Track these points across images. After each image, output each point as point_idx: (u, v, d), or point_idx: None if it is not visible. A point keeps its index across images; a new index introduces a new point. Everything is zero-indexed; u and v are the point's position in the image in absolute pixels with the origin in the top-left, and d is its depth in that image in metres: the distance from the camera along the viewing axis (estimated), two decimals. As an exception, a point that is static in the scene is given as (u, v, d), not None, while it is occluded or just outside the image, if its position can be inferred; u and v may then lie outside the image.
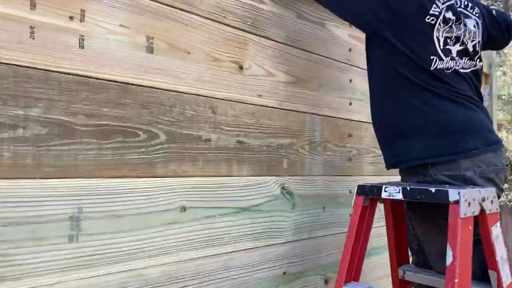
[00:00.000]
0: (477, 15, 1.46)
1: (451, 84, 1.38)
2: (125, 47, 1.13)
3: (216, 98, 1.36)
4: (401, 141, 1.43)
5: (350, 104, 1.95)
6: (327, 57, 1.82)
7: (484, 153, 1.33)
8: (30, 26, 0.96)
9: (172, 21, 1.25)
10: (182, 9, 1.27)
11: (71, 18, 1.03)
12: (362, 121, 2.01)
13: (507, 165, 1.39)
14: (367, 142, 2.05)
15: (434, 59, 1.36)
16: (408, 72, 1.38)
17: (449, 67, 1.38)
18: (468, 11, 1.43)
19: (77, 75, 1.04)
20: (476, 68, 1.45)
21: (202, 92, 1.32)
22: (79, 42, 1.04)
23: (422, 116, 1.38)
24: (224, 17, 1.40)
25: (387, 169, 1.59)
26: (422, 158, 1.38)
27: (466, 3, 1.45)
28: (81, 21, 1.05)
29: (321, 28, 1.80)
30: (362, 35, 2.05)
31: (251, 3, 1.50)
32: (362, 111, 2.01)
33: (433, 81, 1.37)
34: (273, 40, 1.57)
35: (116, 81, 1.11)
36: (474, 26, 1.44)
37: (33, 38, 0.96)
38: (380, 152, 2.14)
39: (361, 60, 2.02)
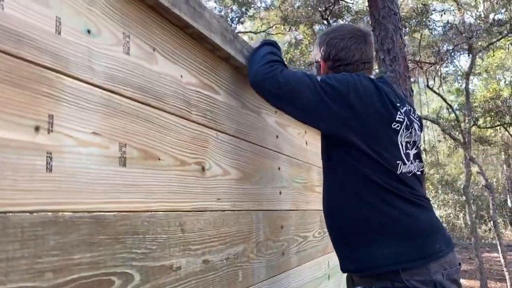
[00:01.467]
0: (417, 119, 1.54)
1: (412, 187, 1.39)
2: (98, 162, 0.82)
3: (184, 211, 1.10)
4: (367, 246, 1.37)
5: (280, 193, 1.85)
6: (263, 147, 1.70)
7: (447, 254, 1.36)
8: (-17, 147, 0.61)
9: (144, 122, 0.98)
10: (153, 106, 1.01)
11: (37, 129, 0.70)
12: (289, 210, 1.92)
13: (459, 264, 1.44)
14: (293, 230, 1.96)
15: (399, 164, 1.37)
16: (376, 176, 1.35)
17: (410, 170, 1.40)
18: (413, 116, 1.50)
19: (46, 211, 0.69)
20: (423, 169, 1.51)
21: (172, 207, 1.05)
22: (47, 163, 0.71)
23: (390, 220, 1.35)
24: (189, 112, 1.17)
25: (343, 272, 1.51)
26: (392, 264, 1.33)
27: (410, 108, 1.51)
28: (48, 132, 0.72)
29: (258, 116, 1.68)
30: (286, 121, 2.02)
31: (209, 94, 1.30)
32: (288, 199, 1.93)
33: (399, 185, 1.36)
34: (226, 134, 1.39)
35: (89, 212, 0.79)
36: (418, 130, 1.51)
37: (-12, 166, 0.61)
38: (300, 239, 2.08)
39: (285, 147, 1.97)
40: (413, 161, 1.42)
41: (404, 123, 1.40)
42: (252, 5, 10.64)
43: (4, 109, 0.65)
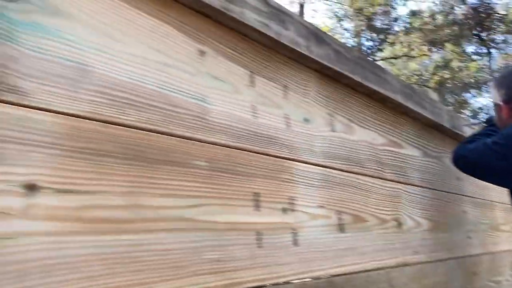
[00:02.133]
0: None
1: None
2: (324, 231, 0.95)
3: (389, 267, 1.17)
4: None
5: (469, 237, 1.78)
6: (447, 192, 1.68)
7: None
8: (256, 232, 0.77)
9: (351, 188, 1.09)
10: (356, 173, 1.12)
11: (283, 210, 0.85)
12: (479, 254, 1.83)
13: None
14: (485, 276, 1.85)
15: None
16: None
17: None
18: None
19: (296, 280, 0.83)
20: None
21: (380, 264, 1.13)
22: (293, 239, 0.85)
23: None
24: (383, 171, 1.25)
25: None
26: None
27: None
28: (291, 212, 0.87)
29: (438, 162, 1.68)
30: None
31: (395, 150, 1.37)
32: (477, 242, 1.84)
33: None
34: (414, 185, 1.43)
35: (324, 278, 0.91)
36: None
37: (261, 247, 0.77)
38: (494, 284, 1.95)
39: (467, 187, 1.90)
40: None
41: None
42: (391, 30, 10.47)
43: (263, 198, 0.81)
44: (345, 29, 12.01)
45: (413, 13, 10.05)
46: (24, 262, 0.45)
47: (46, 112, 0.50)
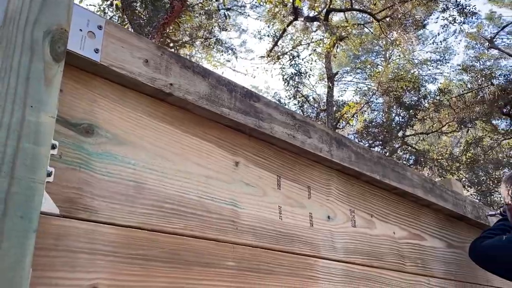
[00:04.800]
0: None
1: None
2: (345, 326, 1.00)
3: None
4: None
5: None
6: (474, 283, 1.68)
7: None
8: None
9: (371, 282, 1.14)
10: (376, 267, 1.18)
11: (305, 305, 0.91)
12: None
13: None
14: None
15: None
16: None
17: None
18: None
19: None
20: None
21: None
22: (314, 333, 0.91)
23: None
24: (403, 264, 1.30)
25: None
26: None
27: None
28: (312, 307, 0.93)
29: (463, 252, 1.70)
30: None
31: (417, 242, 1.42)
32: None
33: None
34: (436, 277, 1.45)
35: None
36: None
37: None
38: None
39: (497, 278, 1.88)
40: None
41: None
42: (420, 107, 10.62)
43: (286, 294, 0.88)
44: (373, 105, 12.29)
45: (441, 91, 10.23)
46: None
47: (110, 225, 0.62)
